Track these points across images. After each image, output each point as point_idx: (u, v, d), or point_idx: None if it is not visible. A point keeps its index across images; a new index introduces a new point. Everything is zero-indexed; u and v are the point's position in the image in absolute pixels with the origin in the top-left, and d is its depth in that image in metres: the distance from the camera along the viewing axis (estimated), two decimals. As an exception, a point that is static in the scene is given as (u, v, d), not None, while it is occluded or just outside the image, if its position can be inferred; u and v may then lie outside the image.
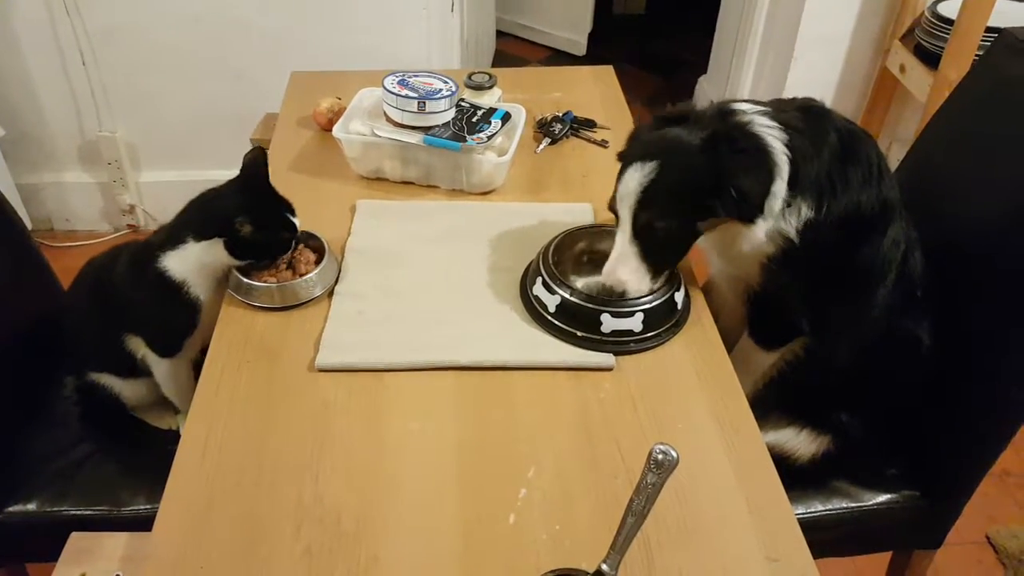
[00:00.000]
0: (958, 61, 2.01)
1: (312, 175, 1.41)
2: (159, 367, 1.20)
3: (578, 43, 3.66)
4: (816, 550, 0.84)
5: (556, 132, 1.50)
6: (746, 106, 1.05)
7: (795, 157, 1.00)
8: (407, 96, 1.30)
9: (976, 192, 1.21)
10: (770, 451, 0.96)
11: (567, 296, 1.07)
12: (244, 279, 1.12)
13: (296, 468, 0.91)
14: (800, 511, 1.21)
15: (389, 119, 1.34)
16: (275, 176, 1.39)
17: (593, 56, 3.62)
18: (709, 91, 3.15)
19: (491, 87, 1.51)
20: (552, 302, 1.08)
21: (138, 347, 1.19)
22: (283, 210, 1.14)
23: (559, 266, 1.12)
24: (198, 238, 1.09)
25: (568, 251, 1.19)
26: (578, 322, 1.07)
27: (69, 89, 2.35)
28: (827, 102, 1.09)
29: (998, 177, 1.16)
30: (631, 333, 1.06)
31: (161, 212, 2.56)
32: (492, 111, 1.39)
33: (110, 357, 1.21)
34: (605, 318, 1.06)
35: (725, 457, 0.94)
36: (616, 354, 1.06)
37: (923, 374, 1.18)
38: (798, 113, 1.06)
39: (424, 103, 1.30)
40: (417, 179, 1.38)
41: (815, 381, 1.21)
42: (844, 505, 1.23)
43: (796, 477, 1.11)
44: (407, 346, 1.06)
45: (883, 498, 1.24)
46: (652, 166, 1.00)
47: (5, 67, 2.29)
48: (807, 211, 1.02)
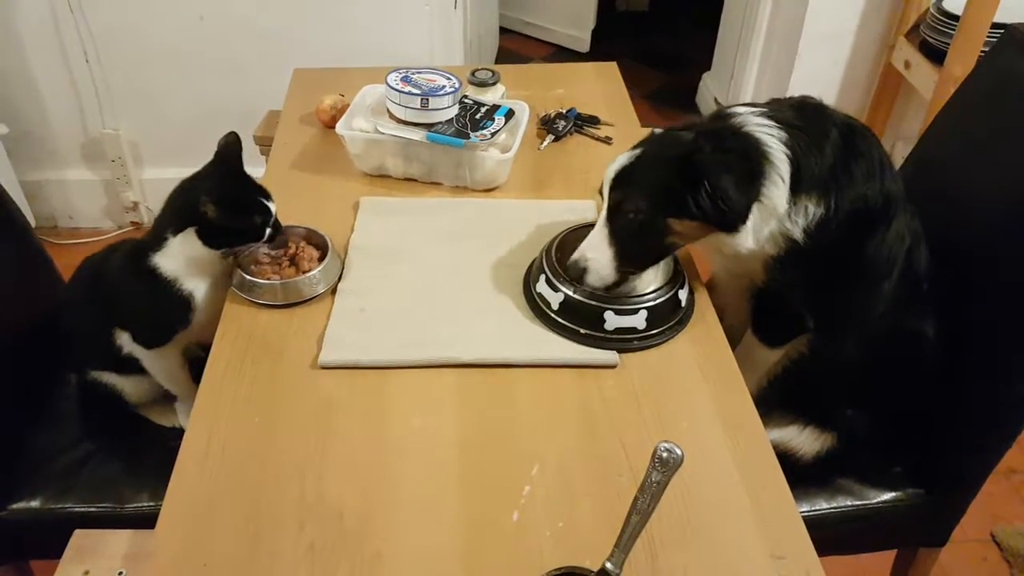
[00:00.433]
0: (963, 57, 2.00)
1: (315, 172, 1.41)
2: (147, 359, 1.19)
3: (582, 40, 3.65)
4: (820, 548, 0.84)
5: (560, 129, 1.50)
6: (742, 108, 1.06)
7: (796, 156, 1.00)
8: (410, 93, 1.30)
9: (982, 189, 1.20)
10: (774, 449, 0.96)
11: (570, 293, 1.07)
12: (247, 276, 1.12)
13: (299, 465, 0.91)
14: (804, 509, 1.21)
15: (392, 116, 1.34)
16: (278, 173, 1.41)
17: (597, 53, 3.62)
18: (713, 88, 3.14)
19: (495, 84, 1.50)
20: (555, 299, 1.08)
21: (124, 342, 1.17)
22: (256, 194, 1.11)
23: (562, 263, 1.11)
24: (175, 232, 1.08)
25: (571, 248, 1.18)
26: (582, 319, 1.07)
27: (72, 87, 2.35)
28: (831, 99, 1.09)
29: (1004, 174, 1.15)
30: (635, 331, 1.06)
31: (164, 210, 2.56)
32: (495, 108, 1.39)
33: (107, 354, 1.21)
34: (609, 315, 1.05)
35: (729, 455, 0.93)
36: (620, 351, 1.06)
37: (928, 370, 1.18)
38: (795, 110, 1.06)
39: (427, 100, 1.30)
40: (420, 176, 1.38)
41: (819, 378, 1.20)
42: (849, 503, 1.23)
43: (801, 475, 1.11)
44: (410, 343, 1.06)
45: (888, 496, 1.24)
46: (636, 152, 1.04)
47: (9, 65, 2.30)
48: (815, 208, 1.01)
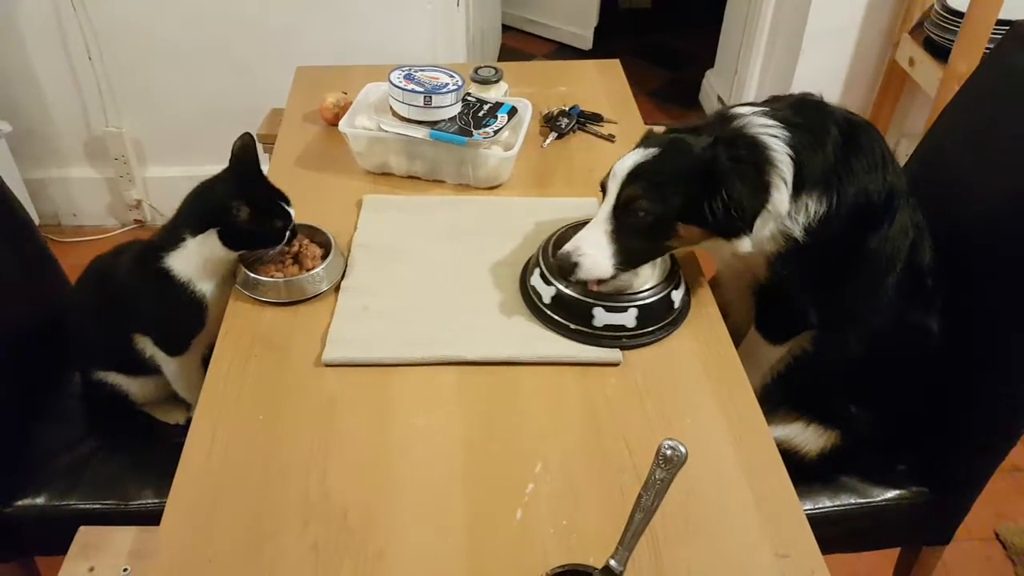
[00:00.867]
0: (968, 54, 1.99)
1: (318, 170, 1.41)
2: (169, 366, 1.19)
3: (584, 37, 3.65)
4: (824, 546, 0.84)
5: (563, 126, 1.49)
6: (744, 109, 1.06)
7: (798, 154, 1.00)
8: (413, 91, 1.30)
9: (987, 186, 1.19)
10: (778, 446, 0.96)
11: (562, 288, 1.07)
12: (251, 274, 1.12)
13: (303, 463, 0.91)
14: (808, 507, 1.21)
15: (395, 114, 1.34)
16: (281, 171, 1.41)
17: (599, 50, 3.62)
18: (716, 85, 3.13)
19: (497, 81, 1.50)
20: (547, 293, 1.08)
21: (146, 346, 1.18)
22: (277, 197, 1.12)
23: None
24: (194, 233, 1.08)
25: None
26: (571, 315, 1.07)
27: (75, 85, 2.35)
28: (835, 96, 1.09)
29: (1009, 171, 1.15)
30: (624, 328, 1.06)
31: (167, 207, 2.52)
32: (498, 105, 1.39)
33: (117, 356, 1.21)
34: (597, 312, 1.05)
35: (733, 452, 0.93)
36: (608, 349, 1.05)
37: (933, 367, 1.17)
38: (795, 108, 1.06)
39: (430, 97, 1.30)
40: (423, 174, 1.38)
41: (823, 375, 1.20)
42: (852, 501, 1.23)
43: (804, 472, 1.11)
44: (413, 341, 1.06)
45: (892, 494, 1.24)
46: (654, 151, 1.03)
47: (11, 63, 2.30)
48: (815, 206, 1.01)
